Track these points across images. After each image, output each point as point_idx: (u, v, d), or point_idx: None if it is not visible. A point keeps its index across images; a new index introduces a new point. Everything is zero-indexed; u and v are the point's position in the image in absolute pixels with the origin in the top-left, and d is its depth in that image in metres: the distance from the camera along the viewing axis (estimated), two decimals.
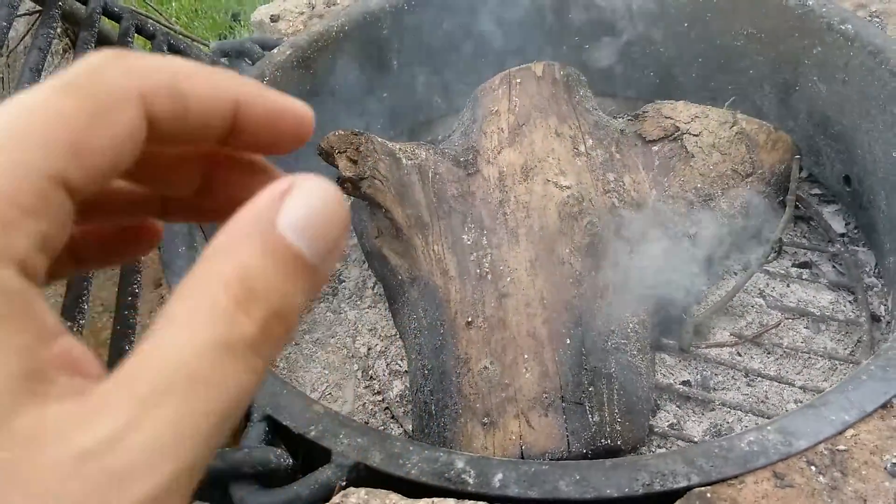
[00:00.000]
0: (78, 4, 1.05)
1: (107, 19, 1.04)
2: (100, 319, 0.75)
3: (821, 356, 0.92)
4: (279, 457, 0.61)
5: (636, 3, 1.18)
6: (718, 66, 1.19)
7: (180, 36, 1.31)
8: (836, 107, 1.04)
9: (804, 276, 1.03)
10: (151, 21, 1.14)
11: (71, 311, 0.64)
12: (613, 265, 0.88)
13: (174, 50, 1.10)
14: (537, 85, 0.99)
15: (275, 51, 1.10)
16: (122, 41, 1.00)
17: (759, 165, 1.00)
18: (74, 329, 0.62)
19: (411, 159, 0.95)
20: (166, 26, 1.34)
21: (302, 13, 1.22)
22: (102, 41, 1.12)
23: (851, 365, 0.89)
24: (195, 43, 1.31)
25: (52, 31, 0.89)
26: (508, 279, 0.86)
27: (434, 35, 1.19)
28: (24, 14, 1.25)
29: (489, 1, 1.16)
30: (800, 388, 0.87)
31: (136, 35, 1.03)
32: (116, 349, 0.66)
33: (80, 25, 0.97)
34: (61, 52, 1.42)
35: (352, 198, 0.96)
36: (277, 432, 0.66)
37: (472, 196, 0.93)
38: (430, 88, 1.25)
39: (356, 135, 0.91)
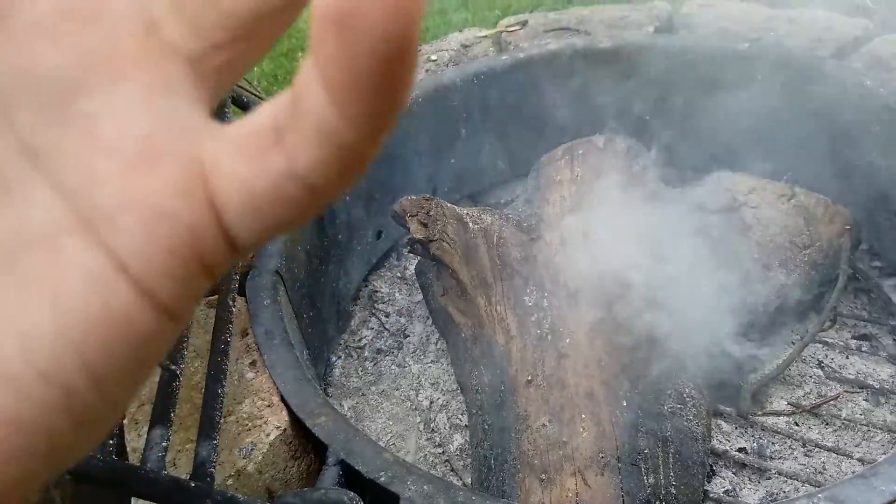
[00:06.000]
0: None
1: None
2: (192, 364, 0.82)
3: (880, 429, 0.92)
4: (352, 499, 0.66)
5: (693, 75, 1.24)
6: (777, 139, 1.22)
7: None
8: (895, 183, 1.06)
9: (864, 349, 1.03)
10: (244, 90, 1.25)
11: (174, 356, 0.72)
12: (670, 330, 0.91)
13: None
14: (599, 156, 1.04)
15: None
16: (220, 112, 1.10)
17: (816, 238, 1.02)
18: (179, 373, 0.69)
19: (477, 223, 1.01)
20: (253, 94, 1.46)
21: None
22: None
23: None
24: None
25: None
26: (568, 340, 0.90)
27: (500, 107, 1.27)
28: None
29: (553, 78, 1.23)
30: (858, 460, 0.88)
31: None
32: (211, 393, 0.73)
33: None
34: None
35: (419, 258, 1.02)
36: (349, 476, 0.71)
37: (534, 260, 0.99)
38: (494, 155, 1.32)
39: (427, 200, 0.98)
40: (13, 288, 0.13)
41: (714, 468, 0.90)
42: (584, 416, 0.84)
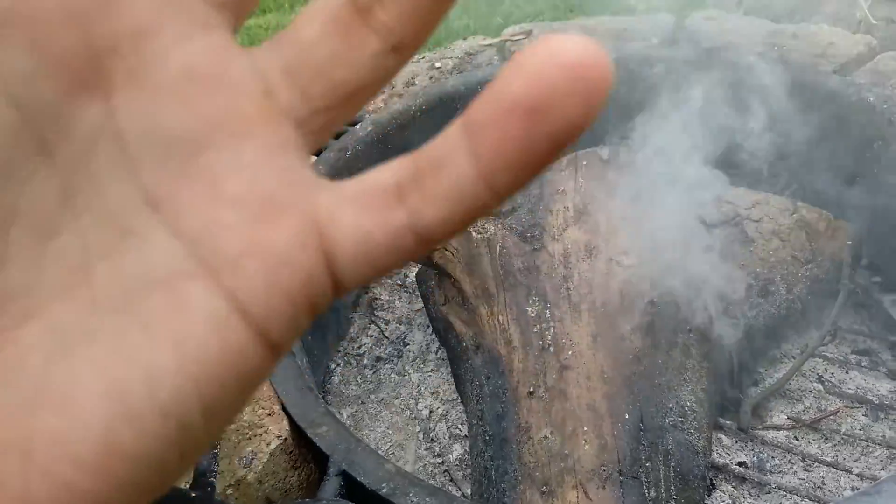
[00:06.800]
0: None
1: None
2: None
3: (879, 445, 0.92)
4: None
5: (695, 87, 1.24)
6: (780, 153, 1.22)
7: None
8: None
9: (863, 364, 1.03)
10: None
11: None
12: (672, 344, 0.91)
13: None
14: (602, 167, 1.04)
15: (357, 126, 1.19)
16: None
17: (818, 253, 1.02)
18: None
19: (480, 233, 1.01)
20: None
21: (382, 92, 1.32)
22: None
23: None
24: None
25: None
26: (570, 352, 0.89)
27: None
28: None
29: None
30: (857, 475, 0.88)
31: None
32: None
33: None
34: None
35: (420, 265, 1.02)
36: (350, 487, 0.71)
37: (536, 270, 0.98)
38: None
39: None
40: (137, 328, 0.13)
41: (714, 482, 0.90)
42: (585, 428, 0.84)
